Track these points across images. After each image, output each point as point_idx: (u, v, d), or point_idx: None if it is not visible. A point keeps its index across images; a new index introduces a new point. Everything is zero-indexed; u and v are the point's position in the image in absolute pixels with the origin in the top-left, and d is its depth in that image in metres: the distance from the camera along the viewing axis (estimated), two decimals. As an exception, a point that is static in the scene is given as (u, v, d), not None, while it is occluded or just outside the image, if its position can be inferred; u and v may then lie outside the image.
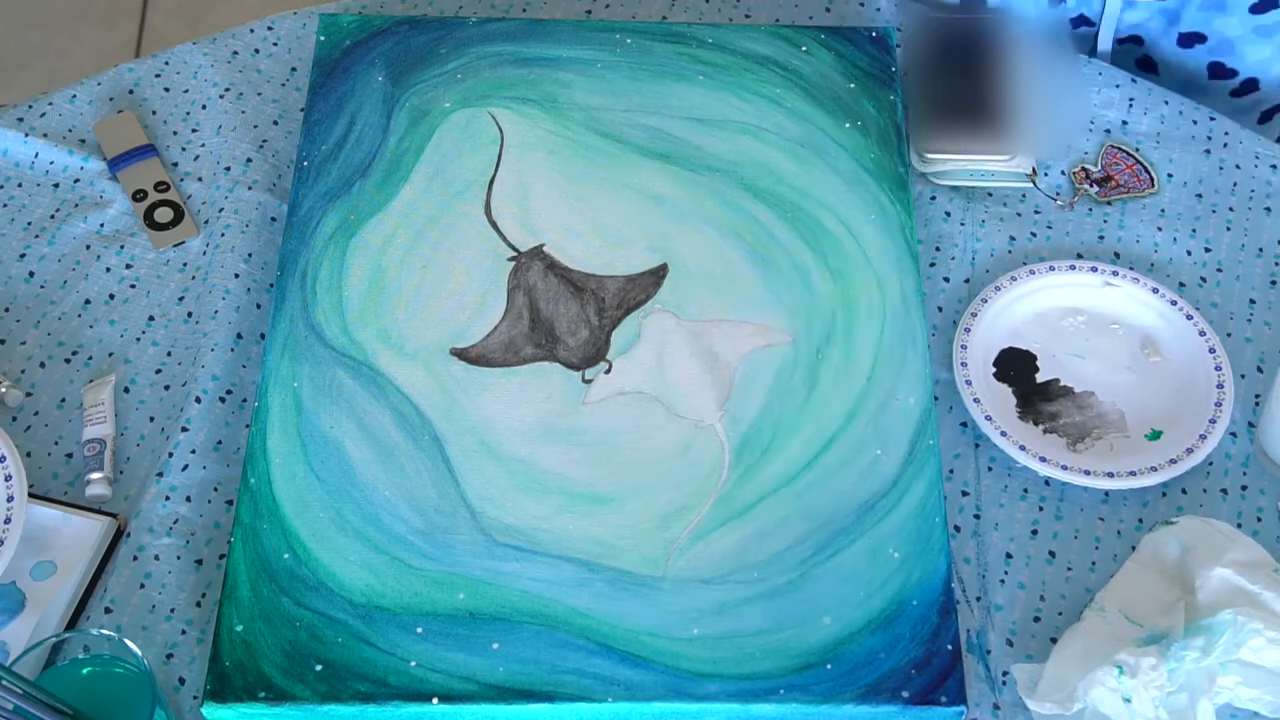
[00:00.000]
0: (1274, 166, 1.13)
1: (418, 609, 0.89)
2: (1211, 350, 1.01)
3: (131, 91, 1.16)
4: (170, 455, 0.97)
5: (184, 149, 1.13)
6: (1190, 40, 1.21)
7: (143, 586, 0.93)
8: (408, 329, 1.00)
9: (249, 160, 1.11)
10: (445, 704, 0.86)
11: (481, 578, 0.91)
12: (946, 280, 1.07)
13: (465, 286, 1.03)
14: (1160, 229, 1.10)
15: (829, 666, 0.88)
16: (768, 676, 0.87)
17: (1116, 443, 0.99)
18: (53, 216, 1.10)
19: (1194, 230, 1.10)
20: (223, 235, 1.07)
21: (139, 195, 1.10)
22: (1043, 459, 0.97)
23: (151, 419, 1.00)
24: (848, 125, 1.11)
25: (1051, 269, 1.05)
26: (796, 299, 1.02)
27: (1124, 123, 1.15)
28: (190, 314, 1.05)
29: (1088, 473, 0.96)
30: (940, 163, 1.11)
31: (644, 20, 1.20)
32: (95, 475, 0.97)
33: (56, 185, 1.11)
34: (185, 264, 1.08)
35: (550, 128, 1.10)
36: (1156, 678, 0.85)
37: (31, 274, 1.07)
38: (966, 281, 1.07)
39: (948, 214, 1.10)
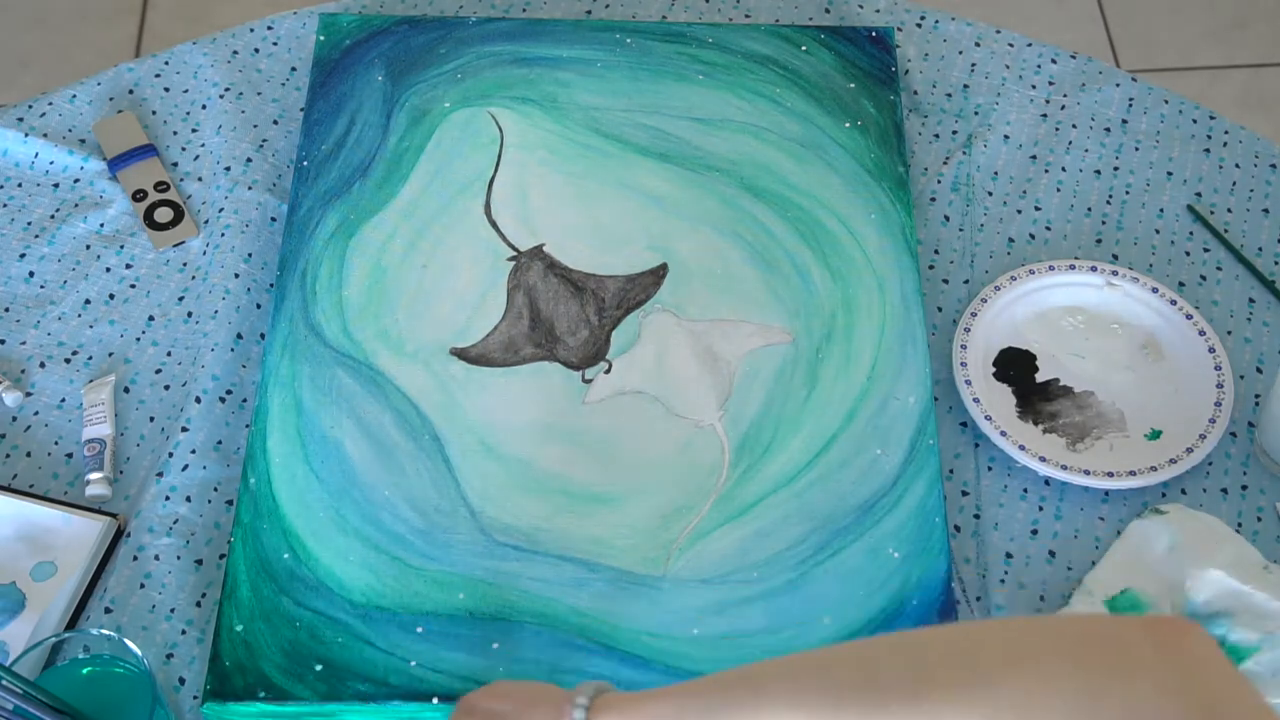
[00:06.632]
0: (1273, 166, 1.13)
1: (418, 609, 0.89)
2: (1211, 350, 1.01)
3: (131, 91, 1.16)
4: (170, 455, 0.97)
5: (184, 149, 1.13)
6: None
7: (143, 586, 0.93)
8: (408, 329, 1.00)
9: (249, 160, 1.11)
10: (445, 703, 0.86)
11: (481, 577, 0.90)
12: (946, 281, 1.07)
13: (465, 286, 1.03)
14: (1159, 230, 1.10)
15: (829, 666, 0.88)
16: (768, 676, 0.87)
17: (1116, 442, 0.99)
18: (53, 216, 1.09)
19: (1192, 232, 1.10)
20: (223, 235, 1.07)
21: (139, 195, 1.10)
22: (1042, 459, 0.96)
23: (151, 419, 1.00)
24: (848, 125, 1.11)
25: (1051, 269, 1.05)
26: (796, 299, 1.02)
27: (1124, 122, 1.15)
28: (190, 314, 1.05)
29: (1087, 472, 0.96)
30: None
31: (644, 20, 1.20)
32: (95, 475, 0.97)
33: (56, 185, 1.11)
34: (185, 264, 1.08)
35: (550, 127, 1.10)
36: None
37: (31, 274, 1.07)
38: (966, 282, 1.07)
39: (947, 216, 1.10)
